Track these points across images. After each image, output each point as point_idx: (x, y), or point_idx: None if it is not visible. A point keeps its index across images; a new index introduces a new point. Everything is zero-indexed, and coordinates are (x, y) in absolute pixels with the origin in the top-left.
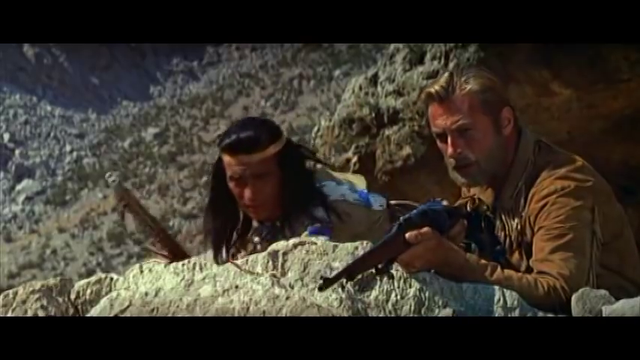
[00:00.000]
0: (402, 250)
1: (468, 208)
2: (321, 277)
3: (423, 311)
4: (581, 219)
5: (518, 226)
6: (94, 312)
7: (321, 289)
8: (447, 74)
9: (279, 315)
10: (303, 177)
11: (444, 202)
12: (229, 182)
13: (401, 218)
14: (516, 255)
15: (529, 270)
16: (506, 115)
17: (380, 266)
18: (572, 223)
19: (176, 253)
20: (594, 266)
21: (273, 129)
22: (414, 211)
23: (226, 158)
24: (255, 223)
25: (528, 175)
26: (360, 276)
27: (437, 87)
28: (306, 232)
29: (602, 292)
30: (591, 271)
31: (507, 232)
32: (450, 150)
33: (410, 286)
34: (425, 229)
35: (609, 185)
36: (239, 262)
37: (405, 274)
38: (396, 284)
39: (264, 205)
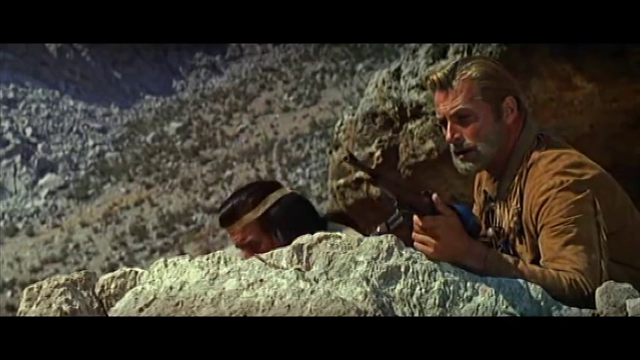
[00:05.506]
0: (427, 210)
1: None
2: (348, 151)
3: (447, 305)
4: (584, 211)
5: (514, 218)
6: (118, 306)
7: (346, 159)
8: (452, 62)
9: (303, 308)
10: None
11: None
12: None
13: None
14: (517, 246)
15: (534, 261)
16: (508, 105)
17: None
18: (576, 216)
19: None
20: (604, 258)
21: (254, 194)
22: None
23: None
24: None
25: (524, 168)
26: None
27: (439, 74)
28: None
29: (626, 285)
30: (602, 262)
31: (505, 224)
32: (447, 135)
33: (434, 280)
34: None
35: (611, 175)
36: (263, 255)
37: (429, 268)
38: (420, 278)
39: None
